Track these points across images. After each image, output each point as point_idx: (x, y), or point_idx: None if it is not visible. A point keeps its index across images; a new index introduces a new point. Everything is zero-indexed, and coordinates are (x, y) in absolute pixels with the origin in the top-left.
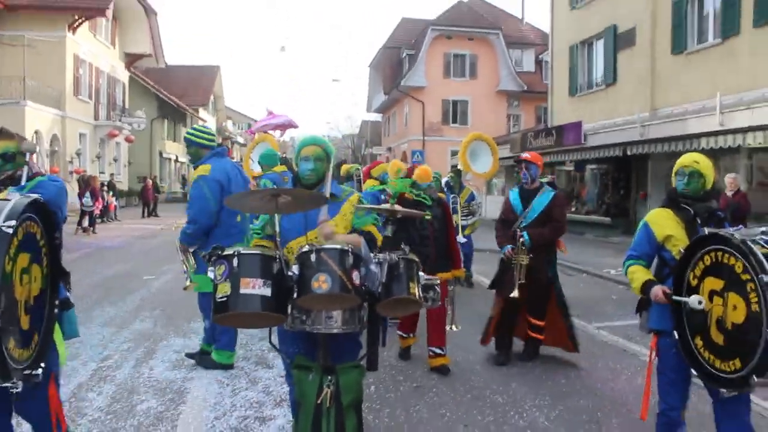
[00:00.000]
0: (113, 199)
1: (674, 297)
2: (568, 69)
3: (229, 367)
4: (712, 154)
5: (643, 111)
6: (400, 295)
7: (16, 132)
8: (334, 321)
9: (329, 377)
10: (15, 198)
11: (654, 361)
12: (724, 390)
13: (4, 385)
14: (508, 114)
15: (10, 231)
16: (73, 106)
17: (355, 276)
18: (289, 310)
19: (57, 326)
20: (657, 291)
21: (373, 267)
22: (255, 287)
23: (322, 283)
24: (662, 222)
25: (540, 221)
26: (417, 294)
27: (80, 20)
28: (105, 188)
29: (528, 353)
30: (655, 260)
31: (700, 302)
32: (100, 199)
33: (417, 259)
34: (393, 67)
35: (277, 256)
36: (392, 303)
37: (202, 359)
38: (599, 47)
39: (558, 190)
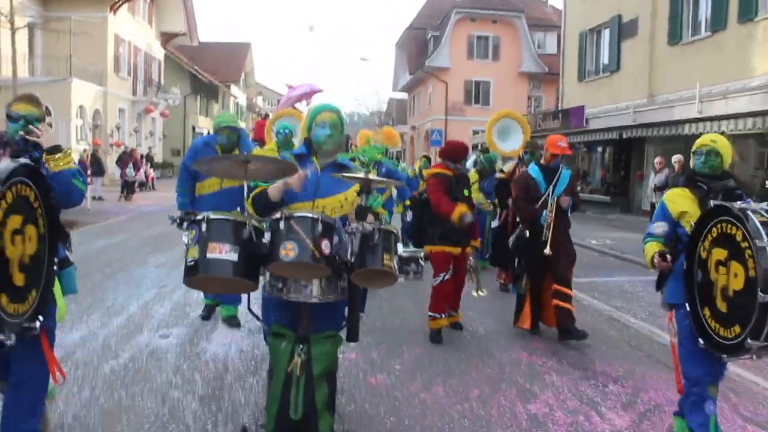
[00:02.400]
0: (151, 170)
1: (665, 252)
2: (577, 55)
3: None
4: (694, 139)
5: (642, 97)
6: (374, 266)
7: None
8: (310, 290)
9: (301, 346)
10: (2, 164)
11: (675, 338)
12: (725, 356)
13: None
14: (529, 95)
15: None
16: (113, 82)
17: (325, 245)
18: (268, 278)
19: (57, 283)
20: (657, 260)
21: (345, 237)
22: (222, 252)
23: (289, 251)
24: (677, 200)
25: (566, 194)
26: (392, 266)
27: (120, 1)
28: (143, 160)
29: (567, 331)
30: None
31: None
32: (140, 170)
33: (395, 231)
34: (418, 48)
35: (247, 222)
36: (366, 274)
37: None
38: (606, 35)
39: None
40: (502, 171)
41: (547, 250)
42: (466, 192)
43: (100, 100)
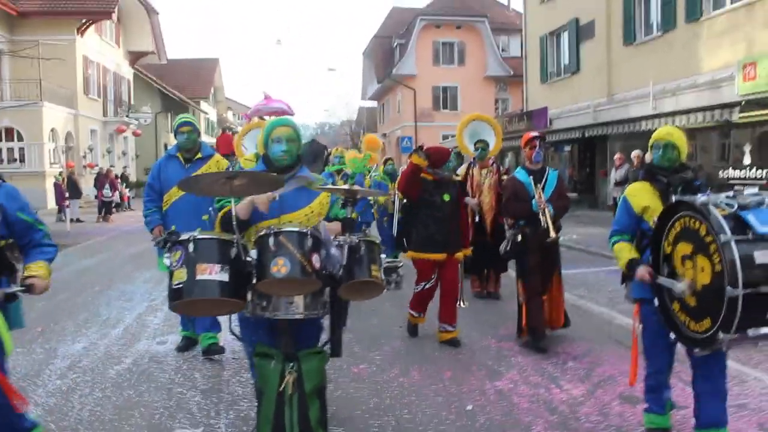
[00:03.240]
0: (126, 190)
1: (658, 280)
2: (539, 58)
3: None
4: (651, 135)
5: (601, 97)
6: (362, 277)
7: None
8: (296, 306)
9: (291, 364)
10: None
11: (638, 330)
12: (697, 349)
13: None
14: (496, 98)
15: None
16: (84, 104)
17: (315, 259)
18: (249, 297)
19: (2, 318)
20: (642, 273)
21: (333, 250)
22: (212, 273)
23: (281, 267)
24: (639, 194)
25: (553, 197)
26: (379, 277)
27: (87, 23)
28: (119, 180)
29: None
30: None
31: (683, 292)
32: (117, 190)
33: (377, 241)
34: (385, 56)
35: (235, 241)
36: (354, 286)
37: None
38: (565, 38)
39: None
40: (457, 174)
41: (553, 234)
42: (446, 197)
43: (72, 122)
